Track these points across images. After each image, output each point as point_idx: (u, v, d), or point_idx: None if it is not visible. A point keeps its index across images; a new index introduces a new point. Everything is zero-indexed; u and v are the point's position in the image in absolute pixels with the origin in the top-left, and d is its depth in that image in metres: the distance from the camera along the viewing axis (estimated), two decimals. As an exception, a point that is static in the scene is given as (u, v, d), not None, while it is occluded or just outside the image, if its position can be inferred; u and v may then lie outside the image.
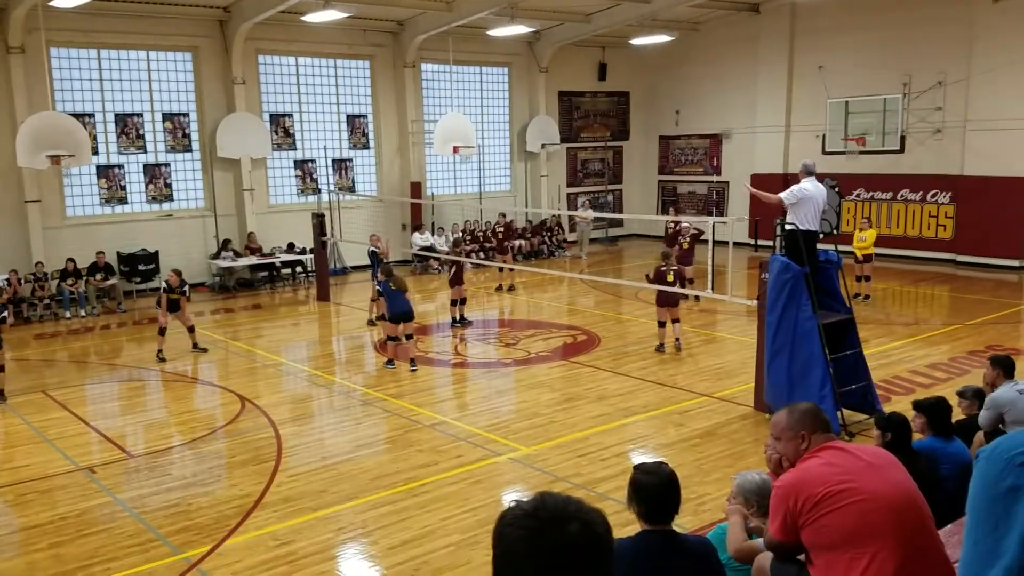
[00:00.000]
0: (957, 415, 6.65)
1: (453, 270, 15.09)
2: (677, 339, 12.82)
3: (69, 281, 16.74)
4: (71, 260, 16.89)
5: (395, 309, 12.12)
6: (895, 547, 3.11)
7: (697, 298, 16.14)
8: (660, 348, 12.74)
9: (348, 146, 21.95)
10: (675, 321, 12.80)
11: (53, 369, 13.06)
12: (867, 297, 16.15)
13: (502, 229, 18.71)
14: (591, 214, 24.03)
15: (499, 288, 18.49)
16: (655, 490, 3.54)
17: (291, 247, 20.00)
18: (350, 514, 7.35)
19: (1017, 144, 19.13)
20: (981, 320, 14.50)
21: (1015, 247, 19.44)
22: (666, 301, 12.58)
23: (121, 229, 18.48)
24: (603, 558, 1.66)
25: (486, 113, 24.45)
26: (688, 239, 16.53)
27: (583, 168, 26.74)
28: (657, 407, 10.19)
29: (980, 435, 6.22)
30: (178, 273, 13.31)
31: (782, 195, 9.42)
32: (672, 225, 19.20)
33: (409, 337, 12.32)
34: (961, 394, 6.81)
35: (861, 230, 16.75)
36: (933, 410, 5.76)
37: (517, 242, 22.76)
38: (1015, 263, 19.43)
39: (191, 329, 13.49)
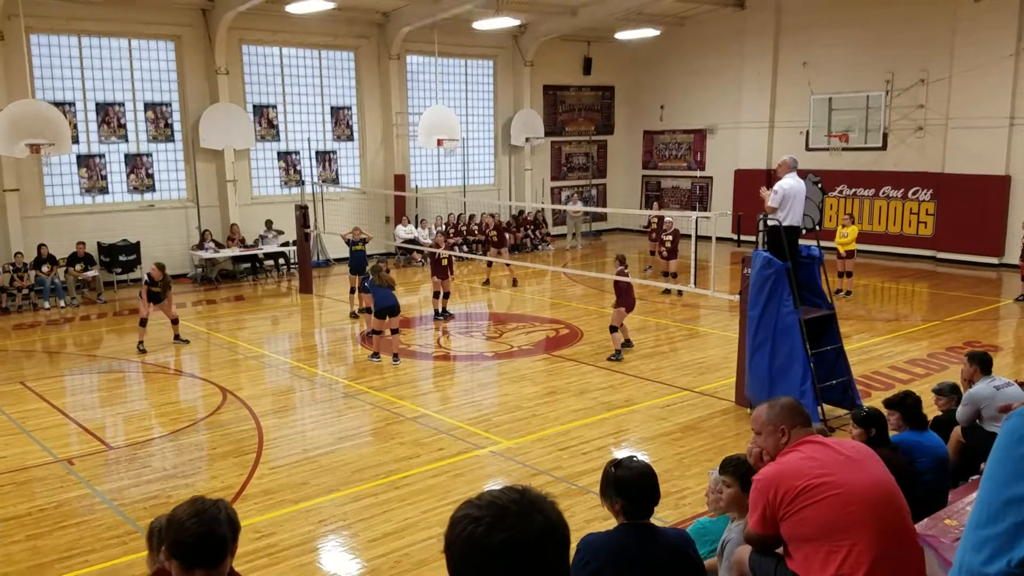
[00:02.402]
0: (934, 411, 6.72)
1: (430, 262, 15.17)
2: (628, 340, 12.49)
3: (44, 268, 16.58)
4: (43, 245, 16.73)
5: (381, 304, 12.09)
6: (872, 540, 3.14)
7: (680, 292, 16.21)
8: (620, 354, 12.09)
9: (332, 138, 21.86)
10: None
11: (32, 360, 12.94)
12: (848, 293, 16.27)
13: (495, 232, 18.75)
14: (581, 207, 24.08)
15: (487, 282, 18.48)
16: (638, 484, 3.53)
17: (268, 225, 19.74)
18: (331, 506, 7.34)
19: (998, 142, 19.30)
20: (960, 317, 14.63)
21: (994, 245, 19.62)
22: (633, 305, 12.35)
23: (102, 219, 18.32)
24: (567, 534, 1.71)
25: (471, 106, 24.40)
26: (671, 237, 16.59)
27: (567, 162, 26.76)
28: (639, 401, 10.22)
29: (957, 430, 6.28)
30: (161, 267, 13.19)
31: (769, 203, 9.48)
32: (655, 220, 19.26)
33: (395, 331, 12.30)
34: (938, 391, 6.87)
35: (844, 226, 16.84)
36: (903, 404, 5.81)
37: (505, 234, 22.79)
38: (994, 260, 19.61)
39: (175, 321, 13.40)
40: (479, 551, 1.63)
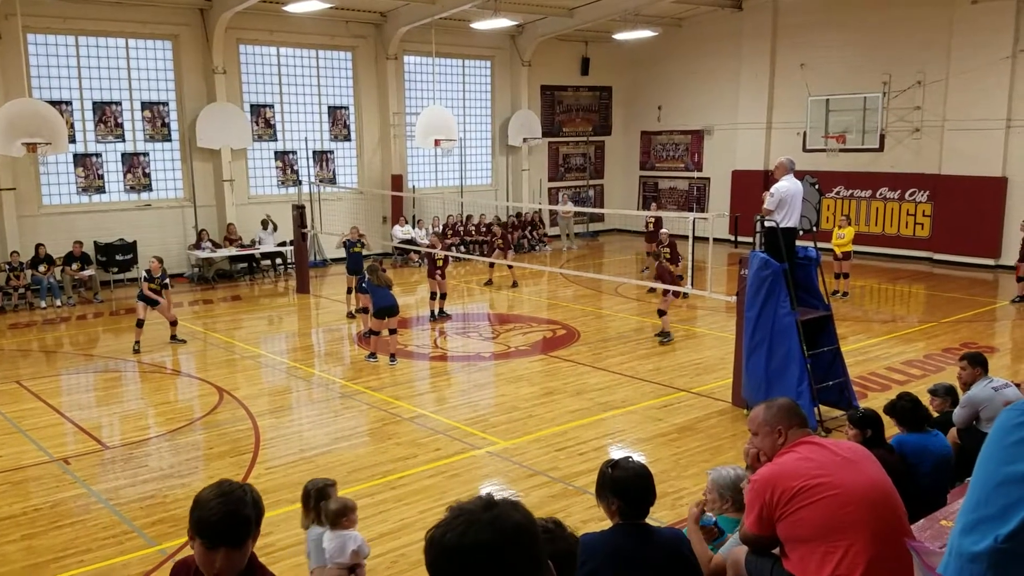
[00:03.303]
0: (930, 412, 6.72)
1: (427, 262, 15.19)
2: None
3: (41, 268, 16.54)
4: (41, 245, 16.70)
5: (380, 304, 12.05)
6: (868, 541, 3.15)
7: (685, 295, 16.13)
8: (670, 335, 13.19)
9: (329, 138, 21.84)
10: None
11: (28, 359, 12.92)
12: (845, 294, 16.27)
13: (501, 240, 18.74)
14: (572, 207, 24.05)
15: (489, 282, 18.46)
16: (635, 484, 3.53)
17: (264, 224, 19.71)
18: (328, 507, 7.32)
19: (994, 144, 19.34)
20: (956, 318, 14.66)
21: (991, 246, 19.66)
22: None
23: (98, 219, 18.30)
24: (527, 529, 1.75)
25: (468, 106, 24.40)
26: (668, 248, 16.38)
27: (564, 162, 26.76)
28: (636, 402, 10.22)
29: (953, 431, 6.29)
30: (160, 260, 13.18)
31: (766, 205, 9.50)
32: (652, 221, 19.21)
33: (393, 331, 12.27)
34: (933, 392, 6.88)
35: (840, 228, 16.84)
36: (894, 409, 5.82)
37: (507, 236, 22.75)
38: (990, 262, 19.65)
39: (173, 323, 13.36)
40: (440, 551, 1.69)
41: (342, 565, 4.97)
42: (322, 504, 5.11)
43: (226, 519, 2.57)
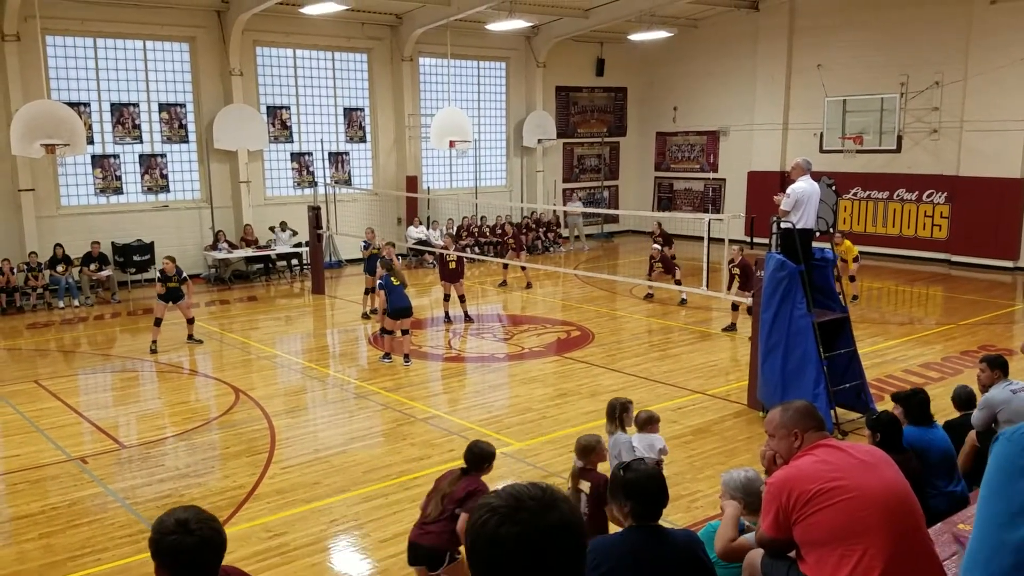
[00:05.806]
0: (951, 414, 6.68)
1: (439, 264, 15.19)
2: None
3: (59, 268, 16.67)
4: (59, 245, 16.83)
5: (396, 304, 12.04)
6: (885, 544, 3.12)
7: (683, 301, 16.00)
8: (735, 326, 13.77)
9: (345, 139, 21.91)
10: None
11: (46, 359, 13.03)
12: (854, 297, 15.91)
13: (512, 238, 18.70)
14: (579, 207, 24.00)
15: (503, 283, 18.48)
16: (647, 486, 3.52)
17: (283, 227, 19.82)
18: (343, 506, 7.35)
19: (1013, 145, 19.17)
20: (975, 320, 14.54)
21: (1010, 248, 19.49)
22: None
23: (116, 219, 18.43)
24: (583, 537, 1.72)
25: (483, 108, 24.42)
26: (660, 263, 16.11)
27: (579, 164, 26.73)
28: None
29: (972, 434, 6.25)
30: (172, 260, 13.25)
31: (782, 207, 9.44)
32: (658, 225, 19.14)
33: (406, 332, 12.28)
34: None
35: (837, 246, 16.20)
36: (907, 400, 5.89)
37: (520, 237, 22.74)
38: (1009, 264, 19.48)
39: (190, 321, 13.43)
40: (490, 541, 1.66)
41: (651, 460, 6.02)
42: (625, 416, 6.44)
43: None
